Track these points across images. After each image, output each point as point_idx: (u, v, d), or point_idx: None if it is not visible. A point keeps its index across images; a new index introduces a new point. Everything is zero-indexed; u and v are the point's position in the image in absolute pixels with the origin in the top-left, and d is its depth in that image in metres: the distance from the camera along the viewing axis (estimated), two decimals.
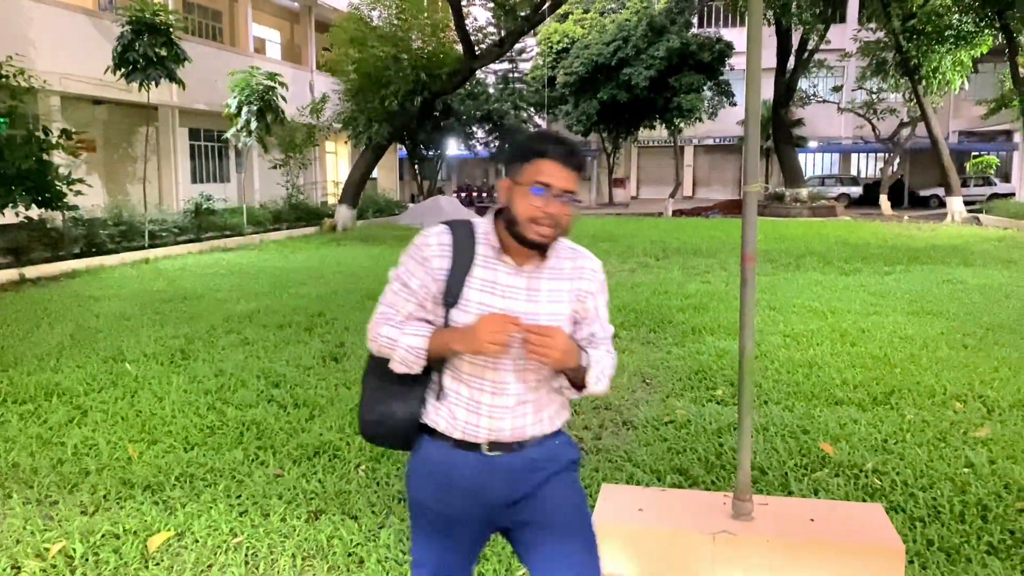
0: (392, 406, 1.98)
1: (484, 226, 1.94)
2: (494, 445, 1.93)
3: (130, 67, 15.65)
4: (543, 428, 1.98)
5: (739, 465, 2.76)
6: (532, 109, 36.73)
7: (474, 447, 1.93)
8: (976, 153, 37.60)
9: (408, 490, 2.04)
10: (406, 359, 1.89)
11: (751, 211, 2.70)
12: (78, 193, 12.87)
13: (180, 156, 21.38)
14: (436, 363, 1.93)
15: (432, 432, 1.97)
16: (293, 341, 7.18)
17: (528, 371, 1.92)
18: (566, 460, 2.03)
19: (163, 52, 15.73)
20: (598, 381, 1.93)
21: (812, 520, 2.75)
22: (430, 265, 1.90)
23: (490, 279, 1.90)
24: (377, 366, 1.98)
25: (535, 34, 34.91)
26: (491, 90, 34.31)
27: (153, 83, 15.95)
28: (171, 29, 16.01)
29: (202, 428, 4.81)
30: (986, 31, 21.30)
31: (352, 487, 3.91)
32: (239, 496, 3.84)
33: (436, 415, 1.95)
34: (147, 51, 15.49)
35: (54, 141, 12.74)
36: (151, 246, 15.05)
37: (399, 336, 1.89)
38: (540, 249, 1.90)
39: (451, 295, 1.88)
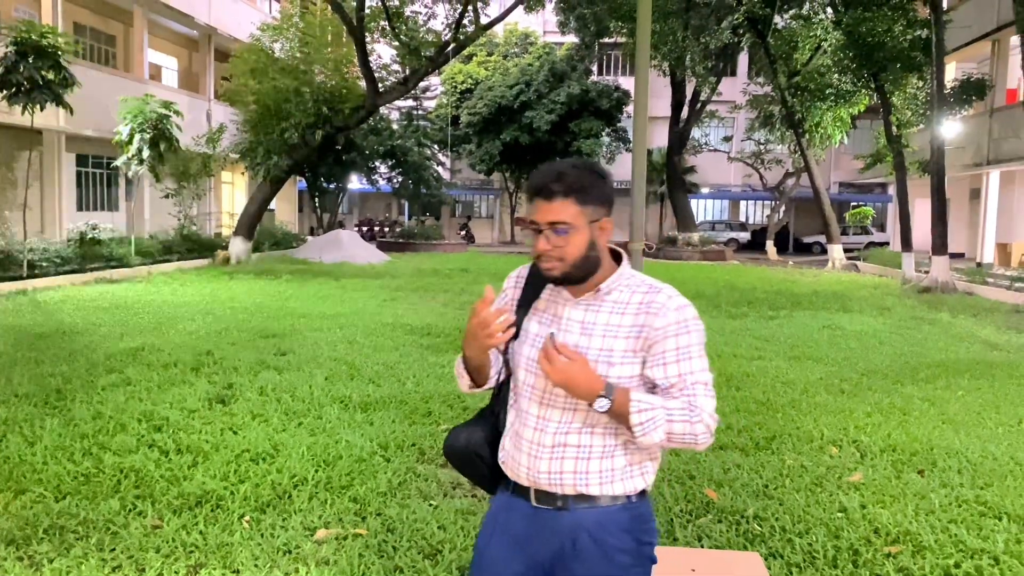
0: (461, 431, 2.06)
1: None
2: (540, 495, 1.88)
3: (13, 89, 14.92)
4: (589, 485, 1.84)
5: None
6: (436, 147, 36.94)
7: (525, 494, 1.91)
8: (855, 204, 39.91)
9: None
10: (458, 373, 2.00)
11: (636, 268, 2.79)
12: None
13: (65, 183, 20.45)
14: (501, 392, 2.03)
15: (503, 476, 1.98)
16: (178, 382, 6.91)
17: (578, 410, 1.83)
18: (617, 546, 1.85)
19: (50, 75, 15.07)
20: (643, 430, 1.74)
21: (693, 571, 2.83)
22: (506, 296, 2.01)
23: (552, 312, 1.92)
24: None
25: (440, 73, 35.24)
26: (395, 126, 34.30)
27: (38, 107, 15.25)
28: (59, 52, 15.37)
29: (76, 476, 4.56)
30: (863, 91, 22.80)
31: (235, 539, 3.78)
32: (113, 549, 3.66)
33: (501, 449, 1.99)
34: (32, 74, 14.80)
35: None
36: (30, 276, 14.29)
37: (459, 358, 1.99)
38: (560, 283, 1.88)
39: (515, 325, 1.87)
